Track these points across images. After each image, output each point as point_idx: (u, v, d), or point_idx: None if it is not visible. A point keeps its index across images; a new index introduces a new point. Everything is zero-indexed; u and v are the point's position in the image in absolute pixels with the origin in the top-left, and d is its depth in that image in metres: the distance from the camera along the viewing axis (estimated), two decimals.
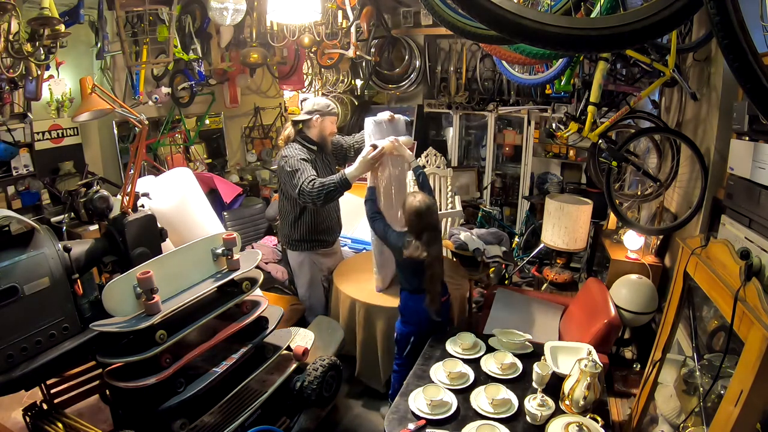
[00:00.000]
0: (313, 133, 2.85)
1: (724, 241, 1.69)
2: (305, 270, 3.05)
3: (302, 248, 2.99)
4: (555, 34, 0.93)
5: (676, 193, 2.92)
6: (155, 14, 3.55)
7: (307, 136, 2.85)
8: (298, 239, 2.97)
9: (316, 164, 2.83)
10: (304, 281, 3.09)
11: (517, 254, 4.67)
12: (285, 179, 2.72)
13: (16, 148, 3.29)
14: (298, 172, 2.60)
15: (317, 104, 2.84)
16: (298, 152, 2.73)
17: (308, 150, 2.81)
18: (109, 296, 1.75)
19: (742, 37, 0.81)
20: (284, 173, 2.70)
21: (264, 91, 5.48)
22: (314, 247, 3.00)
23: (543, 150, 5.07)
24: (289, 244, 3.03)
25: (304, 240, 2.96)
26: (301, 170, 2.60)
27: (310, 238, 2.96)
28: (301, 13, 3.31)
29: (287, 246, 3.07)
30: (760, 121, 1.78)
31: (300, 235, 2.95)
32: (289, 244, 3.03)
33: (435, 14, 1.50)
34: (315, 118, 2.81)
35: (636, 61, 2.69)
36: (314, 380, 2.36)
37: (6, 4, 2.07)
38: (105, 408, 2.44)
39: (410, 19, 5.13)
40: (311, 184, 2.54)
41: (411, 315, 2.44)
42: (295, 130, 2.87)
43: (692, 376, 1.89)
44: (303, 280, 3.09)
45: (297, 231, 2.94)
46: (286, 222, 2.97)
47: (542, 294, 3.40)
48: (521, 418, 1.83)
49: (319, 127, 2.84)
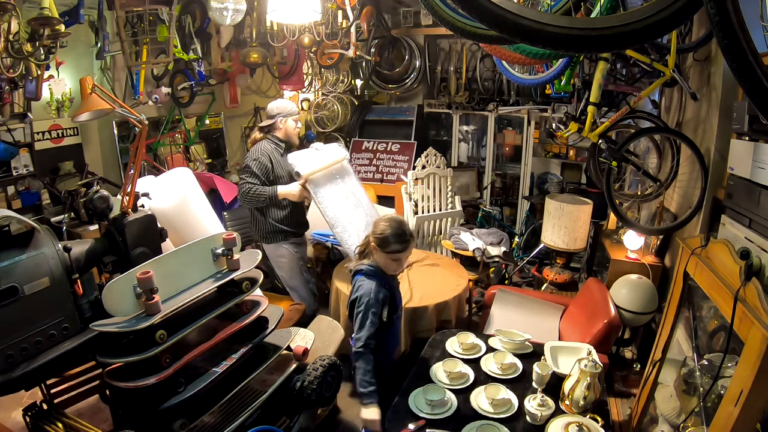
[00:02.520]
0: (280, 134, 3.09)
1: (724, 241, 1.69)
2: (285, 259, 3.16)
3: (277, 239, 3.12)
4: (555, 34, 0.93)
5: (676, 193, 2.92)
6: (155, 14, 3.55)
7: (275, 136, 3.09)
8: (271, 230, 3.11)
9: (284, 159, 3.07)
10: (287, 269, 3.19)
11: (517, 254, 4.67)
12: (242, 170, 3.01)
13: (16, 148, 3.29)
14: (247, 171, 2.95)
15: (278, 107, 3.09)
16: (261, 153, 2.98)
17: (276, 147, 3.06)
18: (109, 296, 1.75)
19: (742, 37, 0.81)
20: (245, 165, 3.00)
21: (264, 91, 5.48)
22: (287, 237, 3.14)
23: (543, 150, 5.07)
24: (264, 238, 3.16)
25: (277, 231, 3.10)
26: (250, 172, 2.94)
27: (281, 229, 3.10)
28: (301, 13, 3.32)
29: (262, 240, 3.19)
30: (760, 121, 1.78)
31: (272, 226, 3.09)
32: (264, 237, 3.16)
33: (435, 14, 1.50)
34: (279, 120, 3.06)
35: (636, 61, 2.69)
36: (314, 380, 2.35)
37: (6, 4, 2.07)
38: (105, 408, 2.43)
39: (410, 19, 5.13)
40: (247, 187, 2.92)
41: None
42: (262, 135, 3.10)
43: (692, 376, 1.89)
44: (285, 268, 3.19)
45: (268, 223, 3.09)
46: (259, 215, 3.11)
47: (542, 294, 3.40)
48: (521, 418, 1.82)
49: (284, 127, 3.08)
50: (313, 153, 3.14)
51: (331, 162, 3.13)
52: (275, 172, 3.00)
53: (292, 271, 3.18)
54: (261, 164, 2.94)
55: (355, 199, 3.21)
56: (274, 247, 3.14)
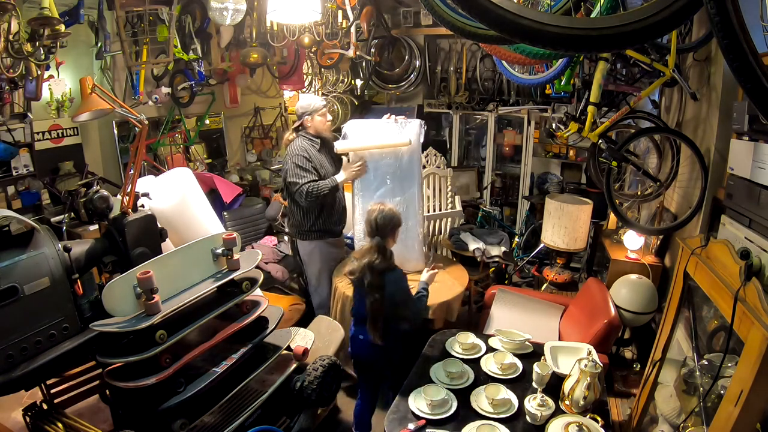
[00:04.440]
0: (311, 131, 3.05)
1: (724, 241, 1.69)
2: (315, 258, 3.13)
3: (312, 237, 3.09)
4: (555, 34, 0.93)
5: (676, 193, 2.92)
6: (155, 14, 3.55)
7: (308, 133, 3.05)
8: (308, 229, 3.07)
9: (322, 155, 3.04)
10: (315, 270, 3.15)
11: (517, 254, 4.67)
12: (289, 173, 2.94)
13: (16, 148, 3.29)
14: (300, 172, 2.89)
15: (302, 106, 3.06)
16: (302, 150, 2.94)
17: (312, 143, 3.02)
18: (109, 296, 1.75)
19: (742, 37, 0.81)
20: (289, 167, 2.94)
21: (264, 91, 5.48)
22: (324, 236, 3.10)
23: (543, 150, 5.07)
24: (299, 235, 3.14)
25: (314, 230, 3.07)
26: (303, 171, 2.89)
27: (319, 228, 3.07)
28: (301, 13, 3.31)
29: (298, 237, 3.16)
30: (760, 121, 1.78)
31: (310, 225, 3.06)
32: (299, 234, 3.13)
33: (435, 14, 1.50)
34: (306, 119, 3.03)
35: (636, 61, 2.69)
36: (314, 380, 2.35)
37: (6, 4, 2.07)
38: (105, 408, 2.44)
39: (410, 19, 5.13)
40: (308, 187, 2.86)
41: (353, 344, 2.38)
42: (294, 135, 3.08)
43: (692, 376, 1.89)
44: (314, 269, 3.16)
45: (308, 221, 3.05)
46: (297, 213, 3.07)
47: (542, 294, 3.40)
48: (521, 418, 1.82)
49: (313, 124, 3.03)
50: (376, 127, 3.02)
51: (380, 144, 2.95)
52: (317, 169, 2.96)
53: (321, 272, 3.14)
54: (304, 160, 2.90)
55: (404, 207, 2.96)
56: (307, 244, 3.12)
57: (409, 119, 3.06)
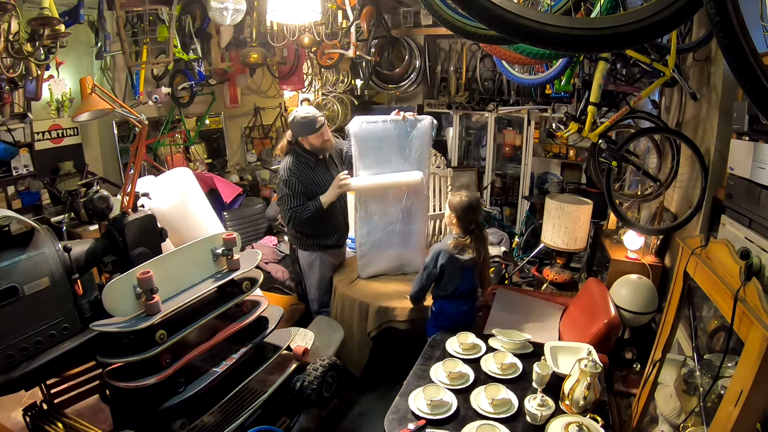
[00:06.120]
0: (306, 145, 2.88)
1: (724, 241, 1.69)
2: (315, 269, 3.10)
3: (314, 248, 3.05)
4: (555, 34, 0.93)
5: (676, 193, 2.92)
6: (155, 14, 3.55)
7: (303, 147, 2.89)
8: (306, 241, 3.04)
9: (317, 171, 2.90)
10: (314, 280, 3.12)
11: (517, 254, 4.67)
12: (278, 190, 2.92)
13: (16, 148, 3.29)
14: (285, 196, 2.84)
15: (295, 127, 2.82)
16: (288, 173, 2.82)
17: (305, 160, 2.88)
18: (109, 296, 1.75)
19: (742, 37, 0.81)
20: (279, 184, 2.91)
21: (264, 91, 5.48)
22: (324, 248, 3.06)
23: (543, 150, 5.07)
24: (299, 245, 3.09)
25: (314, 242, 3.03)
26: (286, 196, 2.83)
27: (318, 240, 3.02)
28: (301, 13, 3.31)
29: (298, 246, 3.12)
30: (760, 121, 1.77)
31: (308, 236, 3.02)
32: (299, 244, 3.09)
33: (435, 14, 1.50)
34: (300, 138, 2.85)
35: (636, 61, 2.69)
36: (314, 380, 2.36)
37: (6, 4, 2.07)
38: (105, 408, 2.44)
39: (410, 19, 5.13)
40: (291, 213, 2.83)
41: (445, 320, 2.51)
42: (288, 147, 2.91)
43: (692, 376, 1.89)
44: (313, 279, 3.13)
45: (305, 233, 3.00)
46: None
47: (542, 294, 3.40)
48: (521, 418, 1.83)
49: (307, 142, 2.85)
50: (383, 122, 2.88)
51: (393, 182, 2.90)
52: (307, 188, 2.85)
53: (321, 283, 3.10)
54: (292, 184, 2.80)
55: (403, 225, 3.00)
56: (308, 255, 3.07)
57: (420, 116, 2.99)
